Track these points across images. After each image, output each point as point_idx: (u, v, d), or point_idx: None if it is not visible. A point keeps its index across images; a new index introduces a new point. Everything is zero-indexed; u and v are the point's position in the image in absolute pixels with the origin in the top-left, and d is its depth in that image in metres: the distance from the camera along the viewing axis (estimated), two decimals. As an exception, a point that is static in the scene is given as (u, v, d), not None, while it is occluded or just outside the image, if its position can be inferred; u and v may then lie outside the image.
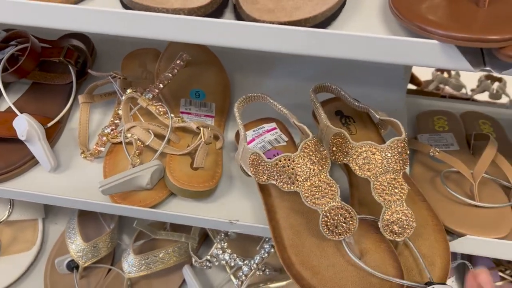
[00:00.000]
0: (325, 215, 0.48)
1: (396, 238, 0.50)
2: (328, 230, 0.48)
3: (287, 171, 0.49)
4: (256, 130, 0.64)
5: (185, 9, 0.44)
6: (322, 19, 0.45)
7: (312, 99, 0.62)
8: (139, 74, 0.76)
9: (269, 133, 0.64)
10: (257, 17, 0.44)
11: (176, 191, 0.61)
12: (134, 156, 0.62)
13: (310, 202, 0.48)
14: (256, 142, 0.63)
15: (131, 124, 0.64)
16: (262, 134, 0.64)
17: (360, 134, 0.63)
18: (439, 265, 0.52)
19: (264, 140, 0.63)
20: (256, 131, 0.64)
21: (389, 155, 0.51)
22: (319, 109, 0.59)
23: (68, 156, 0.68)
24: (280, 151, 0.62)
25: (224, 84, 0.76)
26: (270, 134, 0.64)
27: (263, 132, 0.64)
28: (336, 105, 0.67)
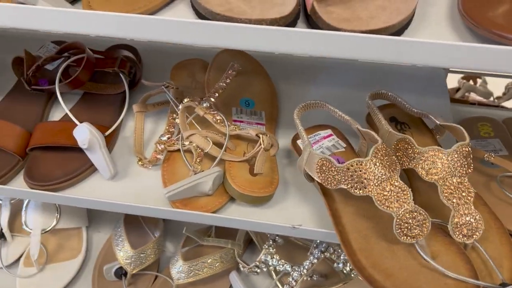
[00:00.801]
0: (400, 218, 0.49)
1: (466, 240, 0.51)
2: (402, 233, 0.49)
3: (359, 176, 0.50)
4: (313, 137, 0.65)
5: (267, 20, 0.46)
6: (398, 28, 0.47)
7: (369, 106, 0.63)
8: (188, 84, 0.78)
9: (327, 140, 0.65)
10: (336, 25, 0.46)
11: (237, 197, 0.62)
12: (196, 163, 0.63)
13: (384, 206, 0.49)
14: (314, 148, 0.64)
15: (190, 132, 0.65)
16: (320, 141, 0.65)
17: (417, 140, 0.64)
18: (507, 266, 0.52)
19: (323, 146, 0.64)
20: (312, 138, 0.65)
21: (455, 159, 0.52)
22: (379, 115, 0.61)
23: (125, 164, 0.69)
24: (340, 157, 0.63)
25: (271, 92, 0.78)
26: (327, 141, 0.65)
27: (320, 139, 0.65)
28: (390, 111, 0.68)
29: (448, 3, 0.52)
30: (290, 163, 0.69)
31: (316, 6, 0.47)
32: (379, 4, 0.49)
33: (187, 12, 0.51)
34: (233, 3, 0.49)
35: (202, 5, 0.48)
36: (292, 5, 0.47)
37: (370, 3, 0.49)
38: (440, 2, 0.52)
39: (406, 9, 0.47)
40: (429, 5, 0.52)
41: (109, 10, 0.49)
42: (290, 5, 0.47)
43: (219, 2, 0.49)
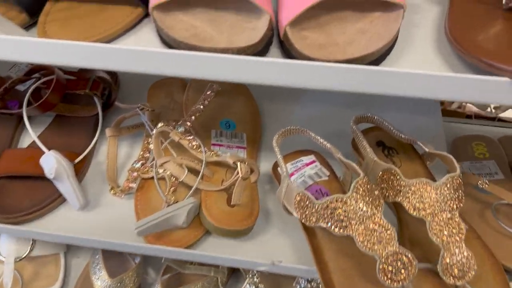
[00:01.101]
0: (383, 261, 0.45)
1: (457, 282, 0.47)
2: (387, 278, 0.45)
3: (339, 214, 0.46)
4: (295, 164, 0.61)
5: (234, 48, 0.42)
6: (378, 55, 0.43)
7: (354, 131, 0.59)
8: (166, 104, 0.74)
9: (309, 167, 0.61)
10: (309, 54, 0.42)
11: (213, 230, 0.58)
12: (169, 194, 0.59)
13: (366, 247, 0.45)
14: (295, 176, 0.60)
15: (164, 159, 0.61)
16: (301, 168, 0.61)
17: (406, 167, 0.60)
18: (502, 309, 0.48)
19: (304, 174, 0.60)
20: (294, 165, 0.61)
21: (445, 192, 0.48)
22: (363, 142, 0.57)
23: (97, 192, 0.65)
24: (323, 186, 0.59)
25: (254, 112, 0.74)
26: (310, 168, 0.61)
27: (302, 166, 0.61)
28: (377, 135, 0.64)
29: (435, 23, 0.48)
30: (273, 190, 0.65)
31: (289, 32, 0.43)
32: (359, 27, 0.45)
33: (152, 36, 0.47)
34: (200, 27, 0.45)
35: (165, 31, 0.44)
36: (261, 31, 0.43)
37: (349, 26, 0.45)
38: (426, 23, 0.48)
39: (387, 33, 0.43)
40: (414, 26, 0.48)
41: (66, 37, 0.45)
42: (260, 31, 0.43)
43: (185, 26, 0.45)
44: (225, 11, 0.47)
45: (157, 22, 0.45)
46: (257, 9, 0.45)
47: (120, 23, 0.47)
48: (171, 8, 0.46)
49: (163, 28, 0.44)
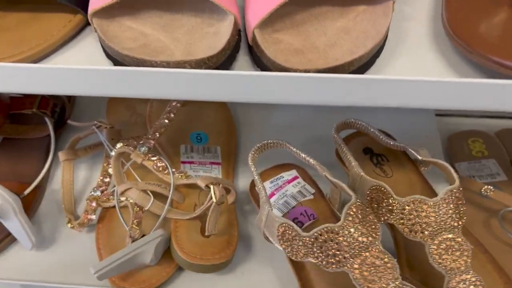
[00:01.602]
0: None
1: None
2: None
3: (330, 247, 0.39)
4: (275, 181, 0.54)
5: (192, 61, 0.34)
6: (367, 59, 0.36)
7: (336, 141, 0.52)
8: (127, 119, 0.65)
9: (291, 184, 0.54)
10: (283, 63, 0.34)
11: (186, 267, 0.50)
12: (133, 227, 0.51)
13: (364, 285, 0.38)
14: (276, 197, 0.52)
15: (125, 186, 0.53)
16: (283, 186, 0.53)
17: (398, 176, 0.53)
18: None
19: (286, 194, 0.53)
20: (274, 183, 0.54)
21: (444, 210, 0.42)
22: (347, 154, 0.50)
23: (53, 226, 0.57)
24: (308, 207, 0.52)
25: (228, 121, 0.66)
26: (292, 186, 0.53)
27: (283, 184, 0.54)
28: (363, 140, 0.57)
29: (429, 14, 0.41)
30: (253, 210, 0.58)
31: (258, 35, 0.36)
32: (341, 25, 0.37)
33: (96, 49, 0.39)
34: (151, 35, 0.37)
35: (106, 43, 0.36)
36: (225, 36, 0.35)
37: (328, 25, 0.37)
38: (419, 15, 0.41)
39: (376, 31, 0.36)
40: (405, 20, 0.41)
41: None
42: (223, 36, 0.36)
43: (132, 35, 0.37)
44: (181, 13, 0.39)
45: (98, 32, 0.37)
46: (220, 10, 0.37)
47: (55, 35, 0.39)
48: (116, 13, 0.38)
49: (104, 39, 0.36)
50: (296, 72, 0.33)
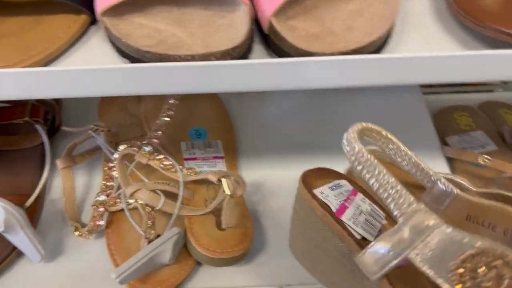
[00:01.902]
0: None
1: None
2: None
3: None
4: (335, 189, 0.42)
5: (218, 53, 0.34)
6: (384, 39, 0.36)
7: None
8: (121, 121, 0.64)
9: (358, 198, 0.42)
10: (306, 48, 0.35)
11: (206, 262, 0.50)
12: (148, 229, 0.50)
13: None
14: (351, 212, 0.40)
15: (134, 188, 0.52)
16: (351, 199, 0.41)
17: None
18: None
19: (362, 210, 0.40)
20: (336, 191, 0.42)
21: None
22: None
23: (57, 236, 0.55)
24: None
25: (224, 115, 0.66)
26: (360, 200, 0.42)
27: (350, 195, 0.42)
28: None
29: (429, -6, 0.42)
30: (262, 200, 0.58)
31: (276, 23, 0.36)
32: (353, 8, 0.38)
33: (106, 48, 0.38)
34: (165, 31, 0.37)
35: (123, 41, 0.35)
36: (244, 26, 0.35)
37: (341, 9, 0.38)
38: (420, -5, 0.42)
39: (389, 12, 0.37)
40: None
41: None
42: (241, 26, 0.36)
43: (146, 31, 0.36)
44: (190, 7, 0.38)
45: (111, 30, 0.36)
46: (228, 1, 0.37)
47: (62, 37, 0.38)
48: (125, 11, 0.37)
49: (120, 37, 0.35)
50: (322, 56, 0.33)
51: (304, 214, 0.42)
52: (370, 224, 0.40)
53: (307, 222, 0.42)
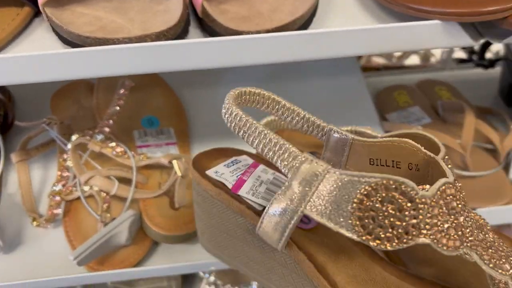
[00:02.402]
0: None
1: None
2: None
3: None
4: (232, 165, 0.42)
5: (152, 35, 0.36)
6: (307, 17, 0.40)
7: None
8: (74, 113, 0.65)
9: (259, 170, 0.41)
10: (236, 28, 0.38)
11: (161, 240, 0.53)
12: (103, 212, 0.52)
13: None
14: (250, 183, 0.39)
15: (88, 175, 0.54)
16: (250, 171, 0.41)
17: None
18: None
19: (263, 180, 0.40)
20: (233, 167, 0.41)
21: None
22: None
23: (17, 227, 0.57)
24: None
25: (175, 103, 0.68)
26: (261, 172, 0.41)
27: (248, 168, 0.41)
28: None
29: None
30: (214, 182, 0.61)
31: (207, 7, 0.39)
32: (279, -8, 0.41)
33: (49, 38, 0.40)
34: (105, 18, 0.39)
35: (65, 28, 0.38)
36: (178, 10, 0.38)
37: (268, -7, 0.41)
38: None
39: (310, -6, 0.41)
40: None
41: None
42: (176, 10, 0.38)
43: (87, 20, 0.39)
44: (128, -4, 0.41)
45: (53, 20, 0.38)
46: (165, -11, 0.40)
47: (6, 28, 0.40)
48: (66, 2, 0.39)
49: (62, 25, 0.38)
50: (249, 35, 0.36)
51: (201, 200, 0.40)
52: (273, 192, 0.38)
53: (206, 208, 0.40)
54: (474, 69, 0.84)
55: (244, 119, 0.32)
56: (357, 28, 0.37)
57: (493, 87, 0.80)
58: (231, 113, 0.33)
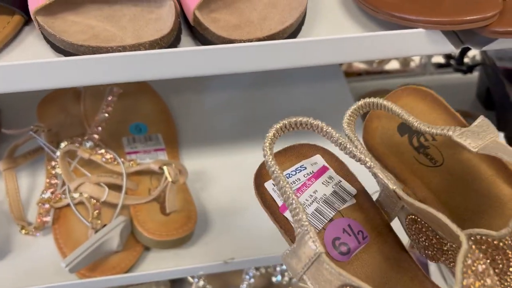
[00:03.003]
0: None
1: None
2: None
3: None
4: (293, 175, 0.38)
5: (146, 43, 0.37)
6: (296, 26, 0.41)
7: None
8: (61, 121, 0.65)
9: (320, 181, 0.37)
10: (227, 36, 0.39)
11: (153, 245, 0.53)
12: (94, 219, 0.53)
13: None
14: (301, 200, 0.36)
15: (78, 182, 0.54)
16: (308, 185, 0.37)
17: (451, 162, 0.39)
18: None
19: (316, 197, 0.36)
20: (292, 178, 0.37)
21: None
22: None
23: (4, 237, 0.56)
24: (352, 219, 0.36)
25: (163, 109, 0.69)
26: (321, 183, 0.37)
27: (308, 179, 0.37)
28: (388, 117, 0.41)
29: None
30: (205, 187, 0.62)
31: (199, 15, 0.40)
32: (267, 1, 0.42)
33: (41, 46, 0.41)
34: (98, 26, 0.39)
35: (58, 37, 0.38)
36: (170, 18, 0.39)
37: (256, 2, 0.42)
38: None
39: (298, 3, 0.42)
40: (318, -8, 0.47)
41: None
42: (168, 19, 0.39)
43: (80, 28, 0.39)
44: (120, 4, 0.41)
45: (45, 28, 0.38)
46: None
47: (-4, 37, 0.40)
48: (58, 10, 0.40)
49: (55, 34, 0.38)
50: (241, 43, 0.37)
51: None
52: (319, 214, 0.36)
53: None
54: (452, 74, 0.87)
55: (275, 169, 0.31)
56: (345, 36, 0.38)
57: (471, 91, 0.83)
58: (267, 161, 0.32)
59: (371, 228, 0.36)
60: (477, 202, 0.37)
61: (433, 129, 0.35)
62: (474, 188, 0.37)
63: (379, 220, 0.37)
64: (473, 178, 0.37)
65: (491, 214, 0.36)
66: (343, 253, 0.35)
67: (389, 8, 0.41)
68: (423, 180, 0.39)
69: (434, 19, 0.39)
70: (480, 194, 0.37)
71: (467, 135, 0.33)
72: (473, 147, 0.33)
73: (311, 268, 0.29)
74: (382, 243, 0.36)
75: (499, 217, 0.35)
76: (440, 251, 0.32)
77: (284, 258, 0.31)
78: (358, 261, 0.35)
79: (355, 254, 0.35)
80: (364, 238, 0.35)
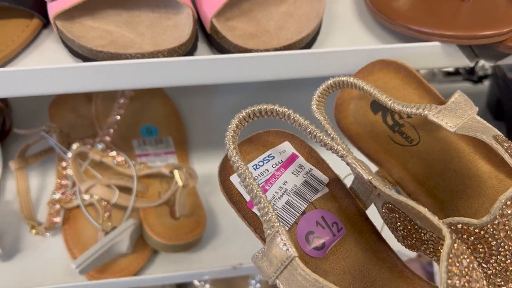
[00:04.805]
0: None
1: None
2: None
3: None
4: (260, 167, 0.35)
5: (165, 51, 0.37)
6: (312, 36, 0.42)
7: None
8: (72, 122, 0.66)
9: (289, 171, 0.34)
10: (244, 45, 0.39)
11: (162, 249, 0.54)
12: (104, 221, 0.53)
13: None
14: (270, 196, 0.34)
15: (88, 183, 0.55)
16: (277, 176, 0.34)
17: (429, 140, 0.37)
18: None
19: (287, 189, 0.34)
20: (260, 170, 0.35)
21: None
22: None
23: (15, 235, 0.57)
24: (326, 210, 0.34)
25: (174, 112, 0.69)
26: (291, 173, 0.34)
27: (277, 170, 0.34)
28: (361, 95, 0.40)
29: (352, -3, 0.48)
30: (214, 190, 0.62)
31: (216, 24, 0.40)
32: (284, 10, 0.43)
33: (58, 50, 0.41)
34: (115, 32, 0.40)
35: (77, 42, 0.38)
36: (188, 26, 0.39)
37: (273, 11, 0.43)
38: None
39: (315, 14, 0.42)
40: (333, 2, 0.47)
41: None
42: (187, 27, 0.39)
43: (98, 33, 0.40)
44: (138, 10, 0.42)
45: (64, 33, 0.39)
46: (173, 4, 0.41)
47: (16, 40, 0.40)
48: (76, 15, 0.40)
49: (74, 39, 0.38)
50: (258, 52, 0.37)
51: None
52: (291, 207, 0.34)
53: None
54: (462, 83, 0.87)
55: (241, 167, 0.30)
56: (361, 48, 0.38)
57: (480, 100, 0.83)
58: (232, 159, 0.30)
59: (346, 218, 0.34)
60: (455, 182, 0.35)
61: (407, 108, 0.33)
62: (452, 167, 0.36)
63: (354, 209, 0.35)
64: (451, 156, 0.36)
65: (470, 194, 0.35)
66: (318, 248, 0.33)
67: (405, 20, 0.41)
68: (399, 160, 0.38)
69: (451, 33, 0.39)
70: (459, 173, 0.35)
71: (444, 114, 0.32)
72: (451, 127, 0.32)
73: (284, 272, 0.27)
74: (358, 234, 0.34)
75: (478, 196, 0.34)
76: (419, 241, 0.31)
77: (255, 260, 0.29)
78: (334, 255, 0.33)
79: (331, 248, 0.33)
80: (339, 230, 0.33)
